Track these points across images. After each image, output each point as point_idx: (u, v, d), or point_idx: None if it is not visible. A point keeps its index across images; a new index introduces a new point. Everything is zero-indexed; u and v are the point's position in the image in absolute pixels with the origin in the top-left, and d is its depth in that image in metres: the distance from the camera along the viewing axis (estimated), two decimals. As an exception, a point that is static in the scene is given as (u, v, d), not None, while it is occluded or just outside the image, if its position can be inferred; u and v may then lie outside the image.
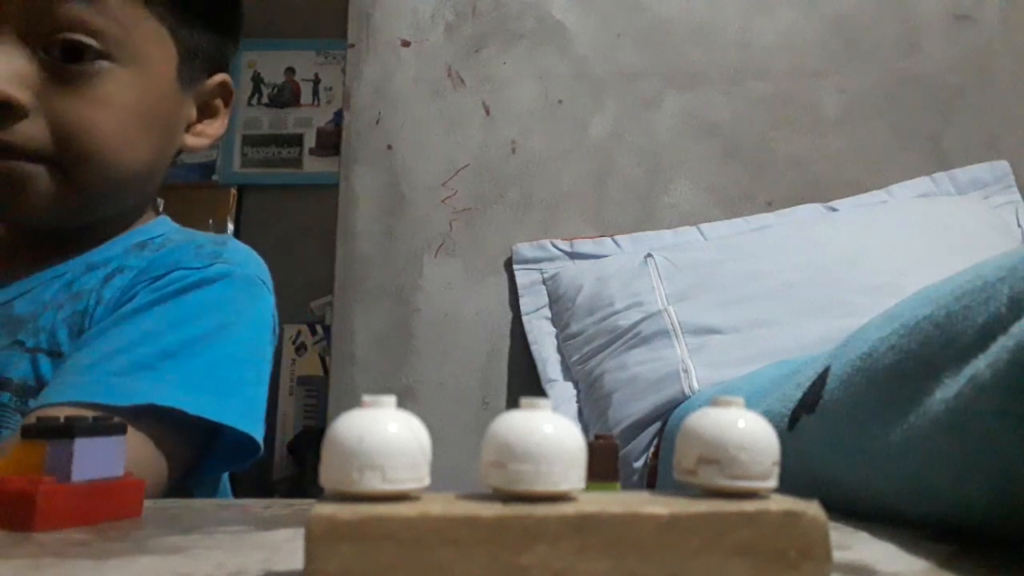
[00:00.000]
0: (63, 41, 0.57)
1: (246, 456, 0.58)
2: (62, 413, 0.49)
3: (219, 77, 0.70)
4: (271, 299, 0.65)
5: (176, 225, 0.73)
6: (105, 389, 0.51)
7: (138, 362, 0.54)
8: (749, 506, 0.21)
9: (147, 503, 0.34)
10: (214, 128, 0.71)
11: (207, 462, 0.59)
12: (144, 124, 0.63)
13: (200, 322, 0.58)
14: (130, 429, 0.50)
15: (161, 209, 0.75)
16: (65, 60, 0.57)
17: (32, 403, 0.54)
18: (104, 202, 0.64)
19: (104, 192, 0.62)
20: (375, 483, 0.20)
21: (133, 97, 0.61)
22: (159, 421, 0.52)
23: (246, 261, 0.65)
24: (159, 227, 0.70)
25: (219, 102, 0.71)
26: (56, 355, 0.58)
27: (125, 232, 0.68)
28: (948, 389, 0.28)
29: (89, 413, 0.48)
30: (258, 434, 0.57)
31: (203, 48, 0.67)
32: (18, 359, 0.58)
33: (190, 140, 0.69)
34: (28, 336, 0.58)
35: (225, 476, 0.68)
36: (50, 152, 0.58)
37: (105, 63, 0.59)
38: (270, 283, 0.66)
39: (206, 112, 0.71)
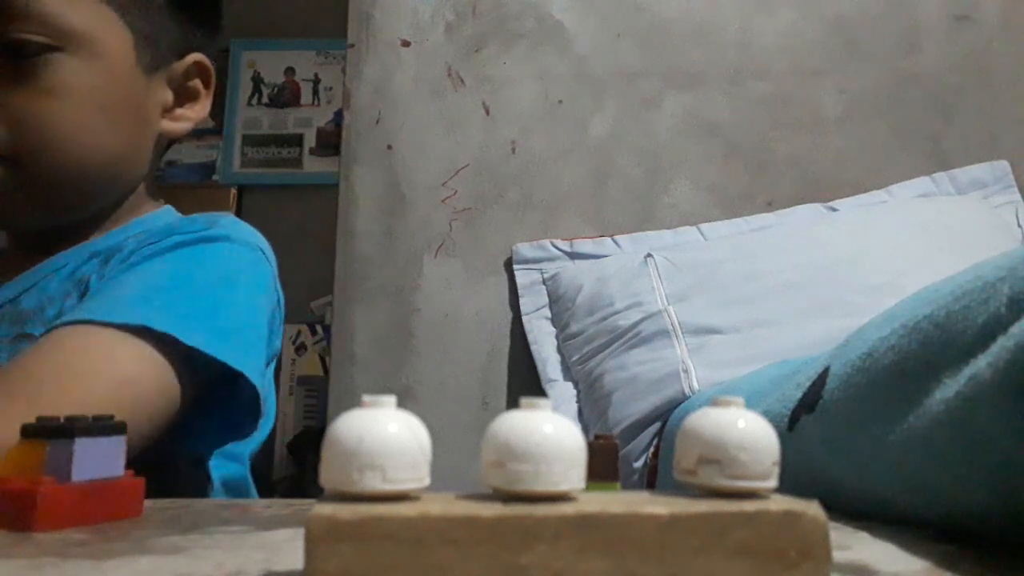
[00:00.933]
0: (7, 39, 0.57)
1: (250, 421, 0.57)
2: (62, 330, 0.50)
3: (191, 58, 0.68)
4: (270, 269, 0.65)
5: (178, 214, 0.72)
6: (101, 310, 0.52)
7: (136, 295, 0.54)
8: (749, 506, 0.21)
9: (147, 503, 0.34)
10: (195, 111, 0.70)
11: (212, 426, 0.58)
12: (104, 111, 0.62)
13: (200, 271, 0.58)
14: (128, 341, 0.50)
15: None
16: (12, 57, 0.58)
17: None
18: (75, 194, 0.63)
19: (71, 184, 0.62)
20: (375, 483, 0.20)
21: (87, 84, 0.60)
22: (157, 345, 0.52)
23: (244, 232, 0.64)
24: (161, 217, 0.70)
25: (198, 84, 0.70)
26: None
27: (127, 222, 0.68)
28: (948, 389, 0.28)
29: (88, 330, 0.50)
30: (257, 380, 0.56)
31: (164, 31, 0.66)
32: (27, 349, 0.57)
33: (168, 125, 0.68)
34: (37, 326, 0.59)
35: (247, 473, 0.67)
36: (8, 150, 0.58)
37: (54, 54, 0.59)
38: (271, 256, 0.66)
39: (185, 96, 0.69)
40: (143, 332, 0.51)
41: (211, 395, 0.57)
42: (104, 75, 0.61)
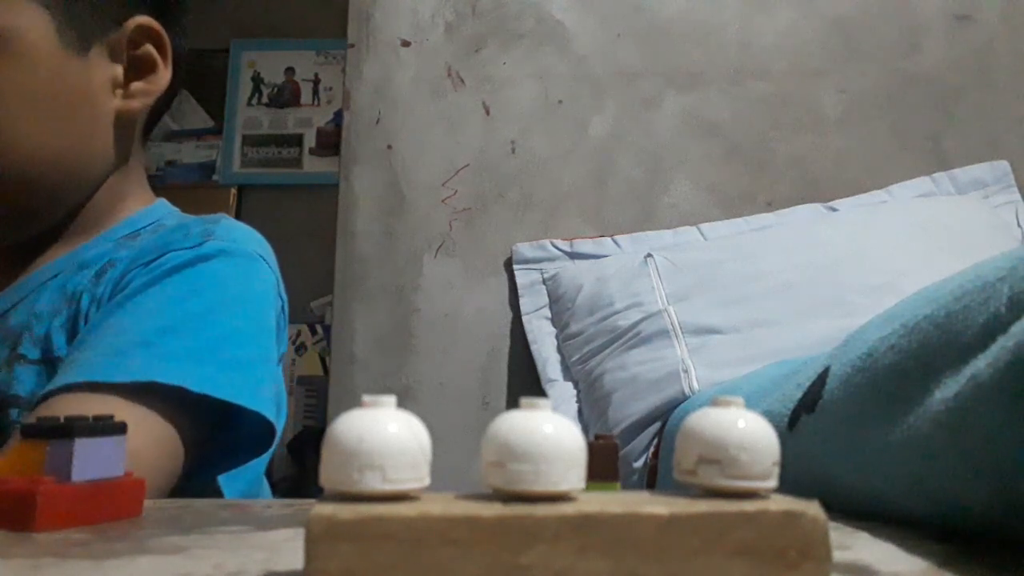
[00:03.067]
0: None
1: (263, 442, 0.54)
2: (61, 399, 0.46)
3: (133, 22, 0.61)
4: (272, 276, 0.61)
5: (172, 208, 0.67)
6: (104, 367, 0.48)
7: (137, 340, 0.50)
8: (749, 506, 0.21)
9: (147, 503, 0.34)
10: (152, 82, 0.62)
11: (223, 451, 0.55)
12: (34, 108, 0.56)
13: (199, 298, 0.54)
14: (132, 407, 0.46)
15: None
16: None
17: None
18: (31, 203, 0.58)
19: (20, 194, 0.56)
20: (375, 483, 0.20)
21: (8, 83, 0.54)
22: (163, 400, 0.49)
23: (242, 238, 0.60)
24: (152, 213, 0.65)
25: (150, 51, 0.62)
26: (57, 363, 0.55)
27: (115, 222, 0.63)
28: (948, 389, 0.28)
29: (90, 397, 0.46)
30: (270, 413, 0.53)
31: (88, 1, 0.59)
32: (23, 374, 0.55)
33: (124, 103, 0.61)
34: (29, 348, 0.56)
35: (262, 474, 0.64)
36: None
37: None
38: (272, 259, 0.62)
39: (138, 67, 0.62)
40: (151, 387, 0.48)
41: (221, 425, 0.54)
42: (25, 68, 0.55)
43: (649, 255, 1.23)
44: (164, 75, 0.62)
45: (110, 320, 0.53)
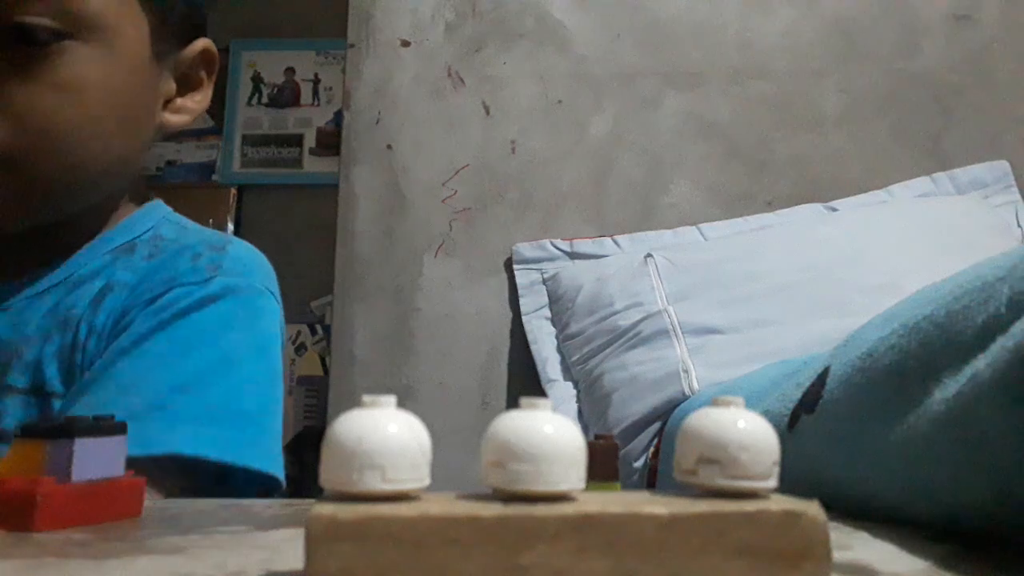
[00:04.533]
0: (14, 24, 0.49)
1: (269, 487, 0.54)
2: None
3: (200, 44, 0.61)
4: (279, 310, 0.60)
5: (167, 210, 0.65)
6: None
7: (151, 402, 0.49)
8: (749, 506, 0.21)
9: (147, 503, 0.34)
10: (196, 102, 0.62)
11: (224, 493, 0.54)
12: (114, 108, 0.54)
13: (209, 348, 0.54)
14: (148, 471, 0.45)
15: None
16: (20, 45, 0.50)
17: None
18: (70, 199, 0.56)
19: (70, 189, 0.55)
20: (375, 483, 0.20)
21: (100, 78, 0.53)
22: (179, 463, 0.48)
23: (249, 269, 0.59)
24: (147, 217, 0.62)
25: (201, 73, 0.62)
26: (48, 395, 0.53)
27: (110, 225, 0.60)
28: (948, 389, 0.28)
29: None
30: (278, 468, 0.53)
31: (177, 10, 0.58)
32: (11, 405, 0.53)
33: (170, 118, 0.61)
34: (17, 376, 0.53)
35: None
36: (7, 148, 0.50)
37: (65, 42, 0.51)
38: (276, 288, 0.61)
39: (187, 85, 0.62)
40: (170, 457, 0.47)
41: (227, 474, 0.53)
42: (119, 67, 0.54)
43: (649, 255, 1.23)
44: (207, 95, 0.63)
45: (118, 368, 0.51)
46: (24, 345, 0.54)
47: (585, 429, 1.17)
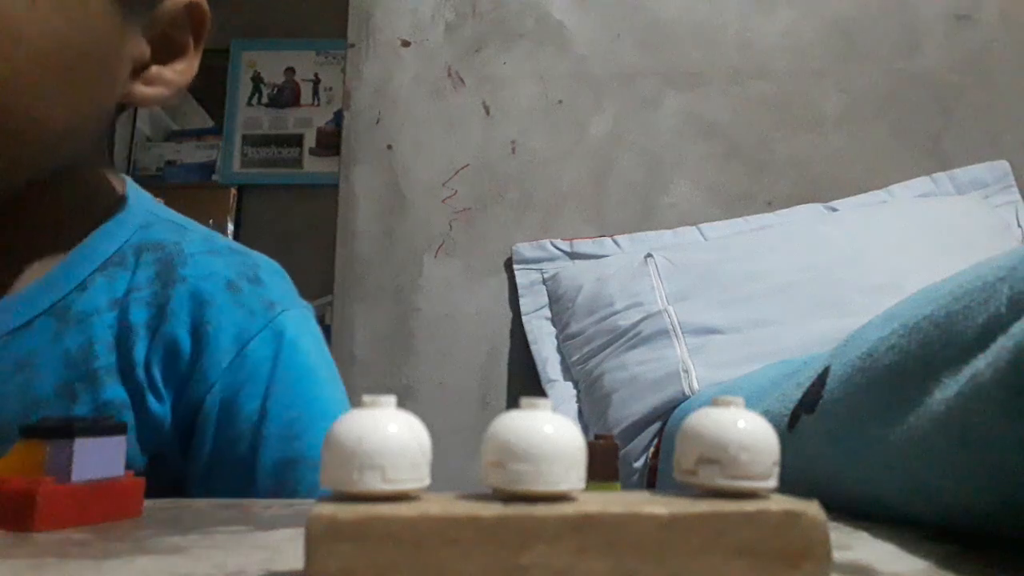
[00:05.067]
0: None
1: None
2: None
3: None
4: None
5: (148, 200, 0.55)
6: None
7: (270, 481, 0.49)
8: (749, 506, 0.21)
9: (147, 503, 0.34)
10: (177, 72, 0.50)
11: None
12: (64, 69, 0.43)
13: (304, 400, 0.52)
14: None
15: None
16: None
17: None
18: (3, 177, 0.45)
19: (4, 164, 0.43)
20: (375, 483, 0.20)
21: (48, 32, 0.42)
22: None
23: (288, 292, 0.55)
24: (130, 217, 0.52)
25: (187, 36, 0.50)
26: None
27: (92, 225, 0.51)
28: (948, 389, 0.28)
29: None
30: None
31: None
32: None
33: (142, 89, 0.48)
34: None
35: None
36: None
37: None
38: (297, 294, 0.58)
39: (167, 50, 0.49)
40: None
41: None
42: (72, 20, 0.43)
43: (649, 255, 1.23)
44: (193, 65, 0.51)
45: (235, 453, 0.50)
46: (34, 409, 0.46)
47: (585, 429, 1.17)
